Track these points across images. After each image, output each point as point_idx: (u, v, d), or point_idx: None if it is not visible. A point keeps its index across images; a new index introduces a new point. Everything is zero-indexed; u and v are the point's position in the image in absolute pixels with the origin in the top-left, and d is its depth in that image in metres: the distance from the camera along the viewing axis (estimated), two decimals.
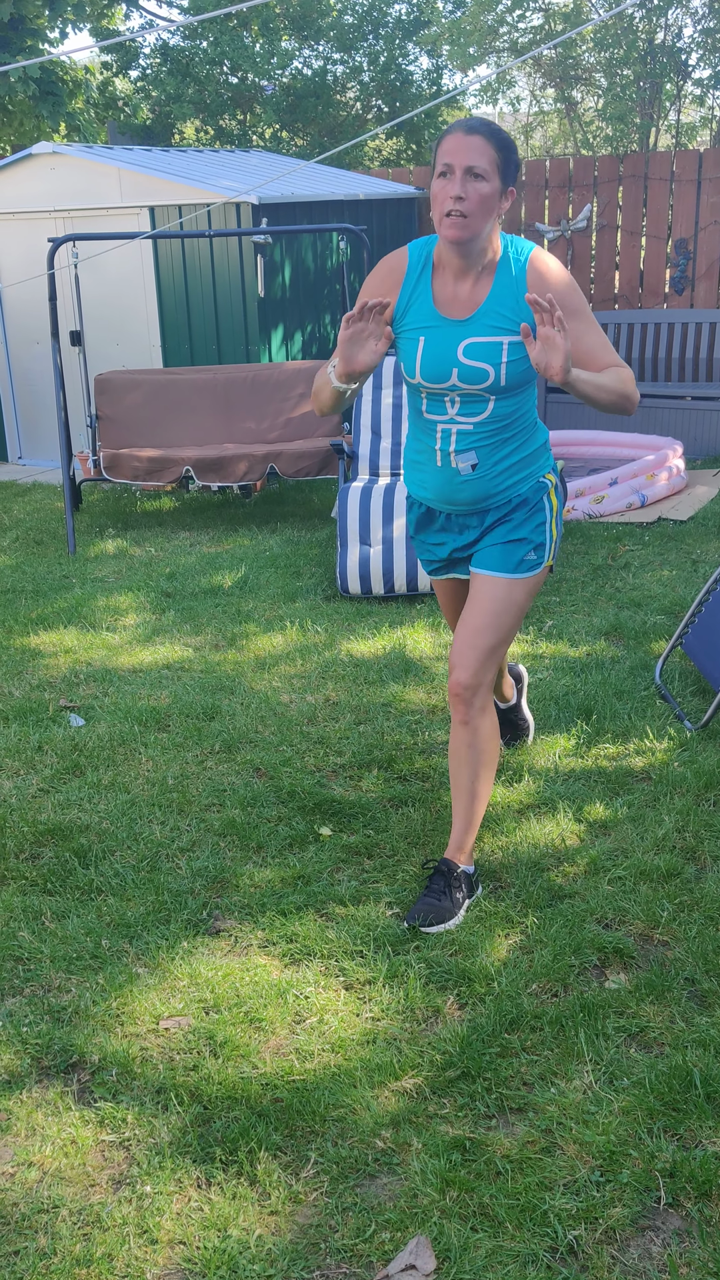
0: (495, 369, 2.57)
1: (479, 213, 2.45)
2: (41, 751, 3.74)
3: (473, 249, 2.51)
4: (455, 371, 2.57)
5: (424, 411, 2.68)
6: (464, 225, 2.45)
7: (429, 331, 2.59)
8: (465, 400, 2.61)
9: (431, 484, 2.75)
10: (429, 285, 2.61)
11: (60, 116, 10.77)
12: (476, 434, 2.65)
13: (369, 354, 2.49)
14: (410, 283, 2.62)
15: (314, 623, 4.82)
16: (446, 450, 2.67)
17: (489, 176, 2.45)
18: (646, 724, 3.73)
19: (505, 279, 2.56)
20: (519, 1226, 1.94)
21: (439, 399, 2.64)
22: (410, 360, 2.61)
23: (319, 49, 12.94)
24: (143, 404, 6.71)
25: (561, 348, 2.34)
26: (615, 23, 10.43)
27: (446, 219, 2.45)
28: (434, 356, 2.58)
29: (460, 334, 2.57)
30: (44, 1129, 2.20)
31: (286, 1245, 1.94)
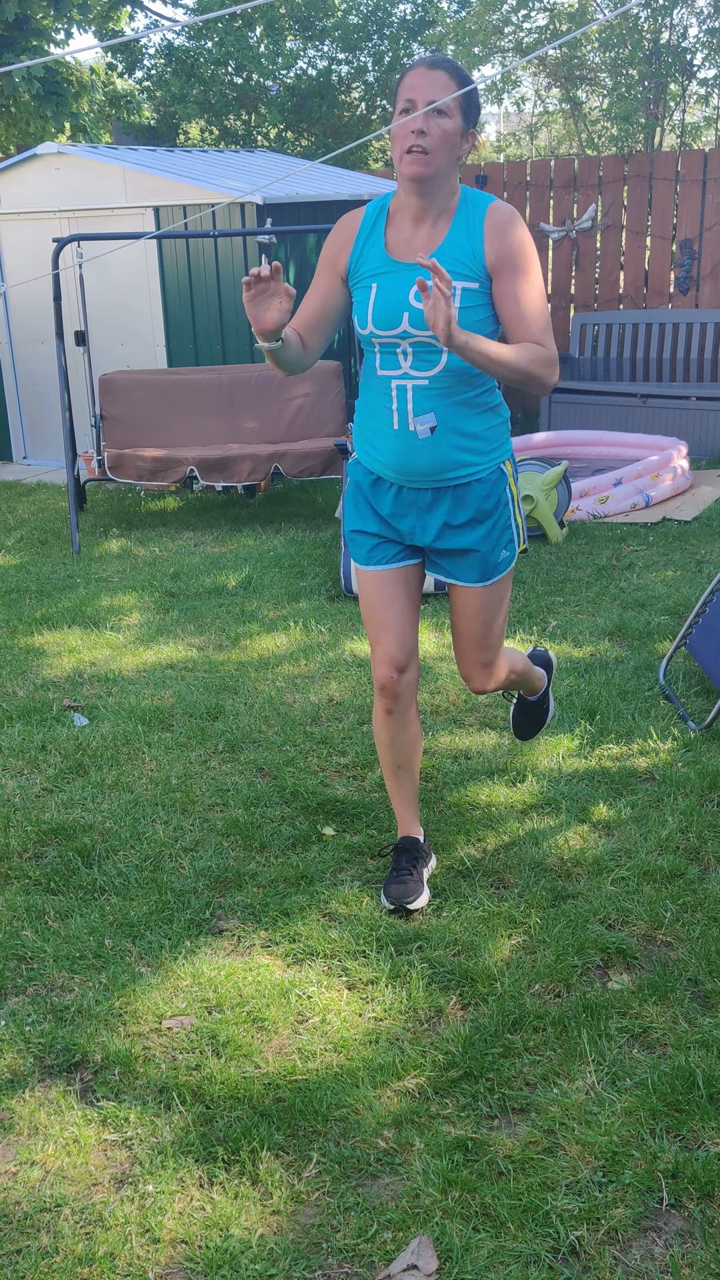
0: None
1: (441, 149, 2.40)
2: (45, 751, 3.75)
3: (432, 188, 2.45)
4: (406, 316, 2.47)
5: (378, 368, 2.58)
6: (425, 161, 2.39)
7: (381, 277, 2.51)
8: (418, 351, 2.50)
9: (385, 449, 2.62)
10: (382, 234, 2.54)
11: (64, 117, 10.78)
12: (433, 390, 2.53)
13: (274, 311, 2.42)
14: (363, 235, 2.56)
15: (318, 623, 4.82)
16: (404, 410, 2.56)
17: (452, 113, 2.40)
18: (650, 724, 3.72)
19: (462, 224, 2.49)
20: (521, 1227, 1.94)
21: (391, 350, 2.53)
22: (363, 309, 2.53)
23: (324, 49, 12.95)
24: (147, 404, 6.71)
25: (444, 311, 2.22)
26: (620, 22, 10.42)
27: (407, 155, 2.40)
28: (385, 302, 2.50)
29: (413, 277, 2.47)
30: (46, 1128, 2.21)
31: (288, 1245, 1.94)
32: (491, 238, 2.47)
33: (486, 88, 12.01)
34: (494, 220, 2.47)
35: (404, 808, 2.95)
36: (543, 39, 11.10)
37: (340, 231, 2.60)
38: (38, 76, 10.19)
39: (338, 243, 2.60)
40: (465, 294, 2.47)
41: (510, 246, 2.47)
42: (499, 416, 2.65)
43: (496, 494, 2.65)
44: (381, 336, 2.52)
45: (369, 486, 2.71)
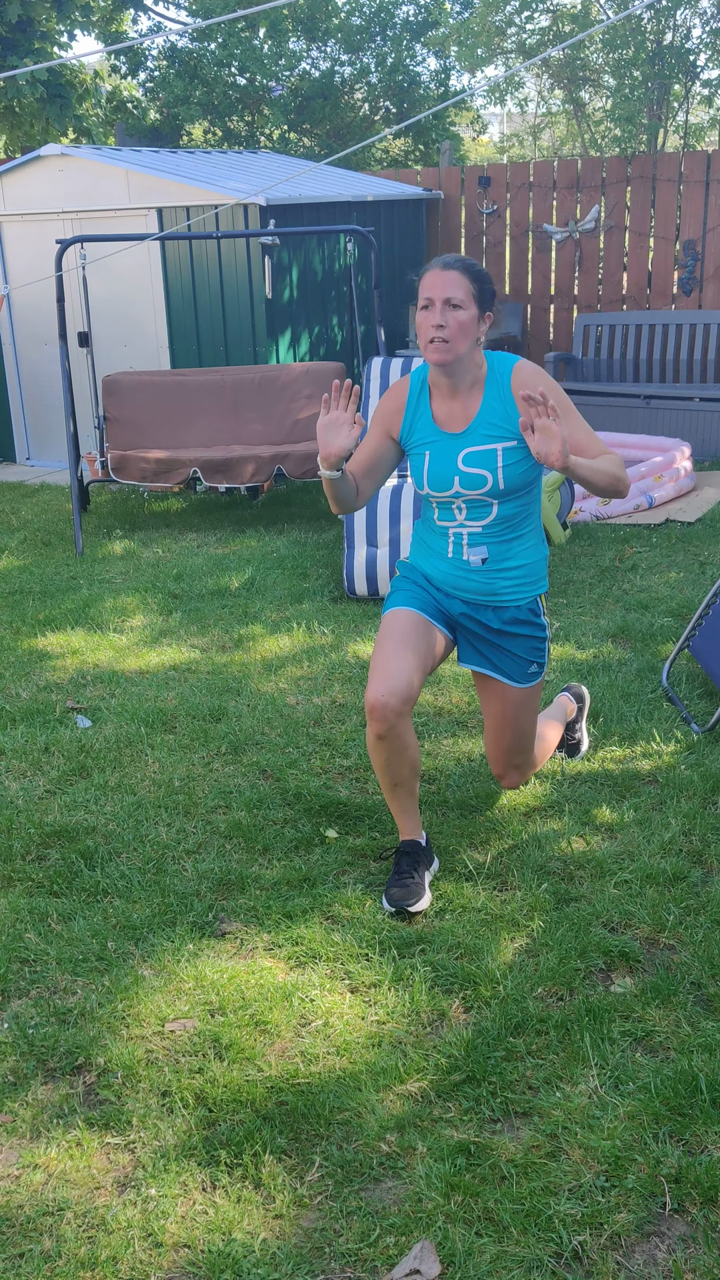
0: (493, 473, 2.77)
1: (459, 337, 2.70)
2: (48, 753, 3.75)
3: (457, 369, 2.75)
4: (456, 479, 2.79)
5: (435, 519, 2.91)
6: (446, 349, 2.70)
7: (432, 446, 2.83)
8: (470, 505, 2.82)
9: (439, 570, 2.94)
10: (428, 405, 2.86)
11: (68, 119, 10.79)
12: (485, 535, 2.86)
13: (344, 438, 2.70)
14: (411, 405, 2.87)
15: (321, 624, 4.82)
16: (459, 545, 2.88)
17: (465, 305, 2.70)
18: (653, 727, 3.72)
19: (494, 391, 2.79)
20: (524, 1231, 1.94)
21: (447, 506, 2.86)
22: (419, 473, 2.86)
23: (327, 50, 12.95)
24: (150, 405, 6.71)
25: (558, 435, 2.51)
26: (623, 24, 10.41)
27: (430, 345, 2.71)
28: (438, 467, 2.81)
29: (459, 445, 2.80)
30: (49, 1131, 2.21)
31: (291, 1249, 1.93)
32: None
33: (490, 89, 12.00)
34: (521, 380, 2.76)
35: (404, 817, 2.95)
36: (546, 40, 11.08)
37: (391, 400, 2.92)
38: (41, 80, 10.21)
39: (389, 410, 2.91)
40: (506, 452, 2.77)
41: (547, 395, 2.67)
42: (541, 552, 2.95)
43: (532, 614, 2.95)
44: (437, 496, 2.85)
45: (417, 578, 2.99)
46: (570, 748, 3.56)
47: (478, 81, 12.65)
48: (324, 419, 2.71)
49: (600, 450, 2.76)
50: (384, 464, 2.93)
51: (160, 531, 6.50)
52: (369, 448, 2.92)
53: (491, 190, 8.88)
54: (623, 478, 2.73)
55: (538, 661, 2.97)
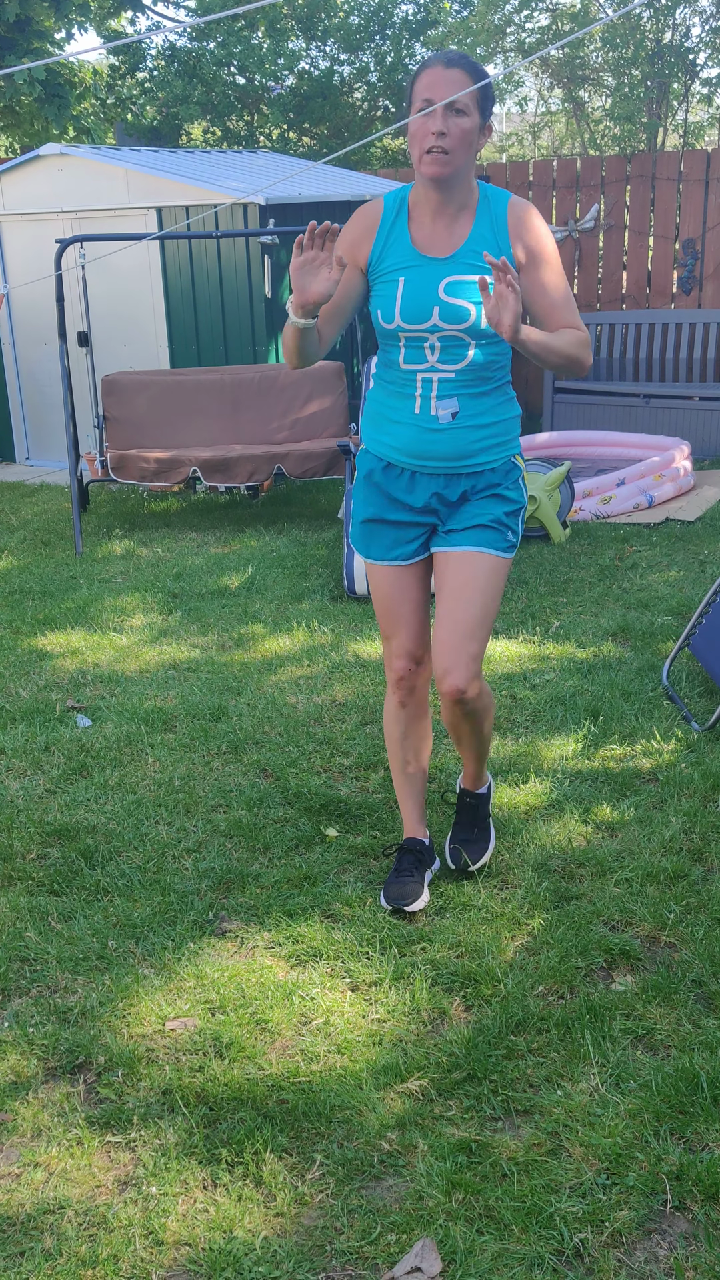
0: (476, 308, 2.50)
1: (460, 148, 2.43)
2: (48, 752, 3.75)
3: (453, 185, 2.49)
4: (436, 310, 2.50)
5: (401, 362, 2.59)
6: (446, 161, 2.43)
7: (409, 271, 2.53)
8: (445, 345, 2.53)
9: (401, 435, 2.62)
10: (405, 227, 2.56)
11: (66, 118, 10.79)
12: (457, 381, 2.56)
13: (322, 282, 2.40)
14: (385, 228, 2.57)
15: (321, 623, 4.82)
16: (427, 396, 2.58)
17: (470, 111, 2.43)
18: (654, 725, 3.72)
19: (485, 219, 2.53)
20: (525, 1229, 1.94)
21: (418, 345, 2.55)
22: (389, 302, 2.54)
23: (326, 49, 12.95)
24: (150, 405, 6.71)
25: (512, 307, 2.30)
26: (622, 22, 10.41)
27: (427, 155, 2.42)
28: (415, 295, 2.51)
29: (441, 272, 2.51)
30: (50, 1130, 2.21)
31: (292, 1247, 1.93)
32: (517, 234, 2.53)
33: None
34: (516, 215, 2.53)
35: (410, 807, 2.95)
36: (545, 39, 11.09)
37: (359, 222, 2.60)
38: (39, 79, 10.20)
39: (356, 233, 2.59)
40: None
41: (537, 240, 2.54)
42: (513, 410, 2.68)
43: (509, 482, 2.67)
44: (409, 330, 2.53)
45: (380, 472, 2.70)
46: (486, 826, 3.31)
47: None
48: (298, 260, 2.38)
49: (568, 321, 2.53)
50: (349, 302, 2.60)
51: (160, 531, 6.50)
52: None
53: None
54: (579, 357, 2.49)
55: (512, 529, 2.67)
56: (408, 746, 2.87)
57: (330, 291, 2.42)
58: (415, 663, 2.80)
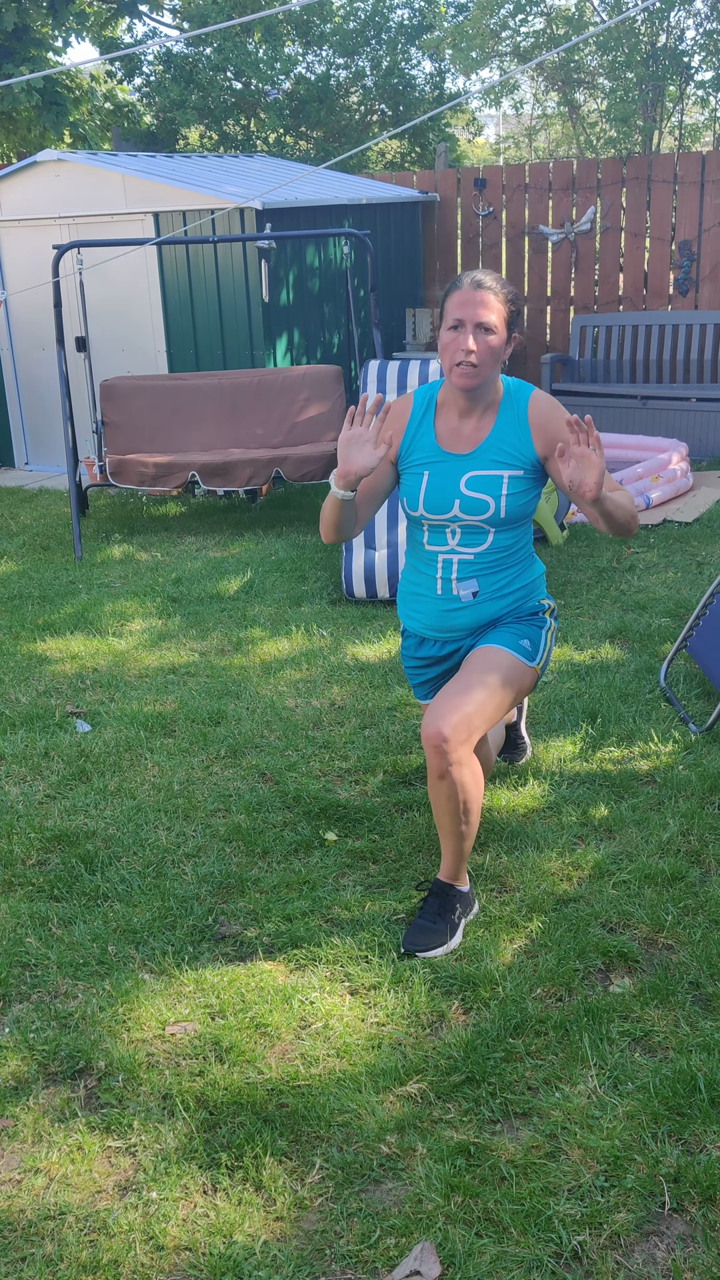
0: (495, 501, 2.69)
1: (488, 361, 2.62)
2: (48, 758, 3.76)
3: (479, 393, 2.69)
4: (457, 503, 2.70)
5: (425, 543, 2.80)
6: (474, 374, 2.62)
7: (433, 466, 2.73)
8: (465, 531, 2.73)
9: (427, 614, 2.84)
10: (432, 424, 2.76)
11: (64, 125, 10.81)
12: (477, 564, 2.76)
13: (366, 456, 2.57)
14: (414, 423, 2.77)
15: (320, 627, 4.83)
16: (448, 578, 2.78)
17: (497, 329, 2.61)
18: (651, 727, 3.73)
19: (508, 417, 2.71)
20: (523, 1232, 1.94)
21: (440, 530, 2.75)
22: (414, 493, 2.74)
23: (322, 54, 12.97)
24: (148, 409, 6.72)
25: (597, 465, 2.44)
26: (617, 25, 10.43)
27: (457, 368, 2.61)
28: (437, 488, 2.71)
29: (463, 467, 2.71)
30: (50, 1135, 2.21)
31: (292, 1251, 1.94)
32: (539, 430, 2.70)
33: (485, 91, 12.02)
34: (537, 413, 2.71)
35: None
36: (540, 42, 11.10)
37: (393, 421, 2.80)
38: (37, 87, 10.22)
39: (390, 429, 2.78)
40: (512, 481, 2.71)
41: (560, 431, 2.68)
42: (535, 572, 2.85)
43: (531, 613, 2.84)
44: (431, 519, 2.74)
45: (415, 650, 2.95)
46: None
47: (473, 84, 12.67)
48: (346, 434, 2.56)
49: (615, 486, 2.66)
50: (382, 489, 2.80)
51: (159, 535, 6.51)
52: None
53: (487, 192, 8.89)
54: (636, 515, 2.65)
55: (530, 638, 2.80)
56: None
57: (373, 466, 2.58)
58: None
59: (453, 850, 2.75)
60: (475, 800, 2.68)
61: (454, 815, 2.67)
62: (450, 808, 2.67)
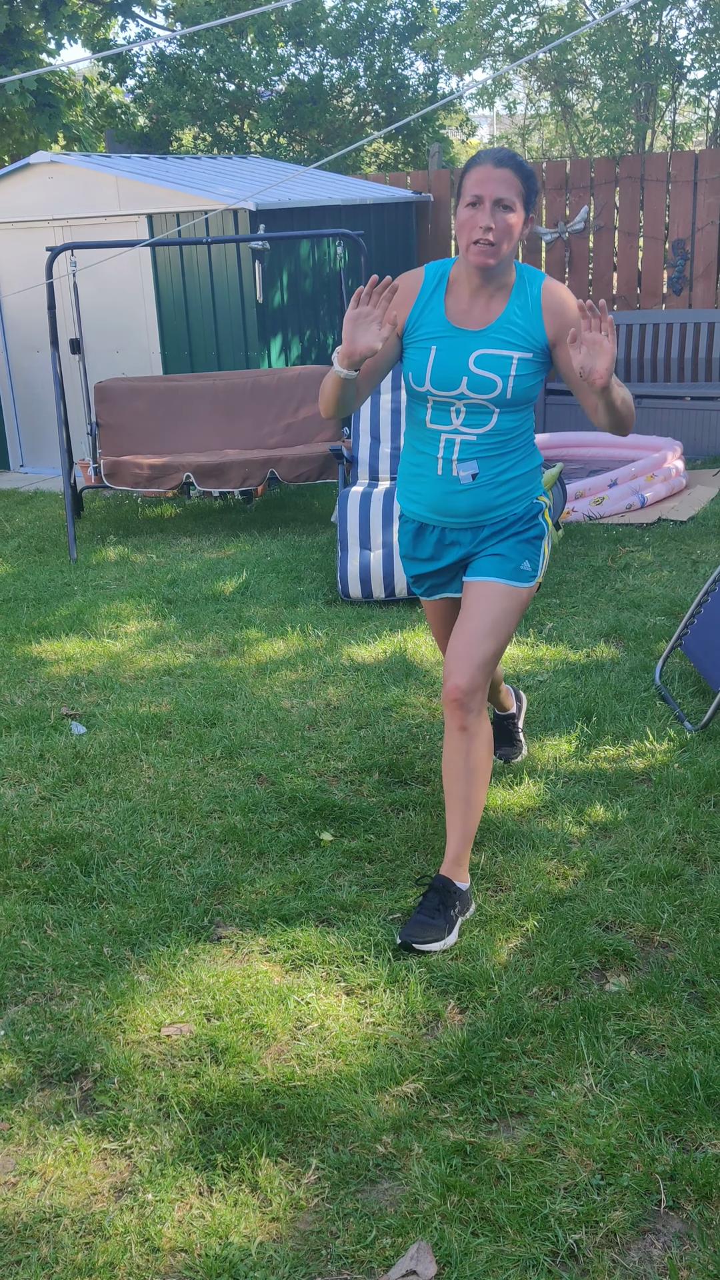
0: (503, 381, 2.66)
1: (505, 239, 2.60)
2: (43, 759, 3.75)
3: (496, 271, 2.66)
4: (465, 380, 2.67)
5: (428, 421, 2.76)
6: (492, 253, 2.59)
7: (441, 341, 2.69)
8: (470, 410, 2.70)
9: (428, 494, 2.81)
10: (442, 300, 2.72)
11: (57, 127, 10.80)
12: (479, 445, 2.73)
13: (371, 336, 2.54)
14: (424, 297, 2.73)
15: (315, 628, 4.83)
16: (449, 458, 2.75)
17: (515, 207, 2.59)
18: (647, 725, 3.73)
19: (521, 299, 2.69)
20: (520, 1231, 1.94)
21: (445, 408, 2.72)
22: (420, 368, 2.70)
23: (315, 55, 12.98)
24: (143, 411, 6.72)
25: (608, 351, 2.42)
26: (609, 25, 10.44)
27: (474, 246, 2.59)
28: (445, 364, 2.68)
29: (473, 344, 2.67)
30: (46, 1137, 2.21)
31: (288, 1252, 1.94)
32: (551, 314, 2.67)
33: (478, 91, 12.03)
34: (551, 298, 2.68)
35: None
36: (533, 43, 11.11)
37: (401, 292, 2.74)
38: (30, 89, 10.22)
39: (397, 302, 2.73)
40: (521, 363, 2.67)
41: (572, 318, 2.65)
42: (533, 463, 2.82)
43: (531, 518, 2.82)
44: (437, 395, 2.70)
45: (412, 540, 2.91)
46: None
47: (466, 84, 12.67)
48: (353, 312, 2.53)
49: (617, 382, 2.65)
50: (384, 364, 2.75)
51: (154, 537, 6.50)
52: None
53: None
54: (633, 412, 2.65)
55: (529, 559, 2.81)
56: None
57: (377, 347, 2.55)
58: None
59: (459, 830, 2.81)
60: (484, 763, 2.81)
61: (466, 776, 2.78)
62: (464, 766, 2.78)
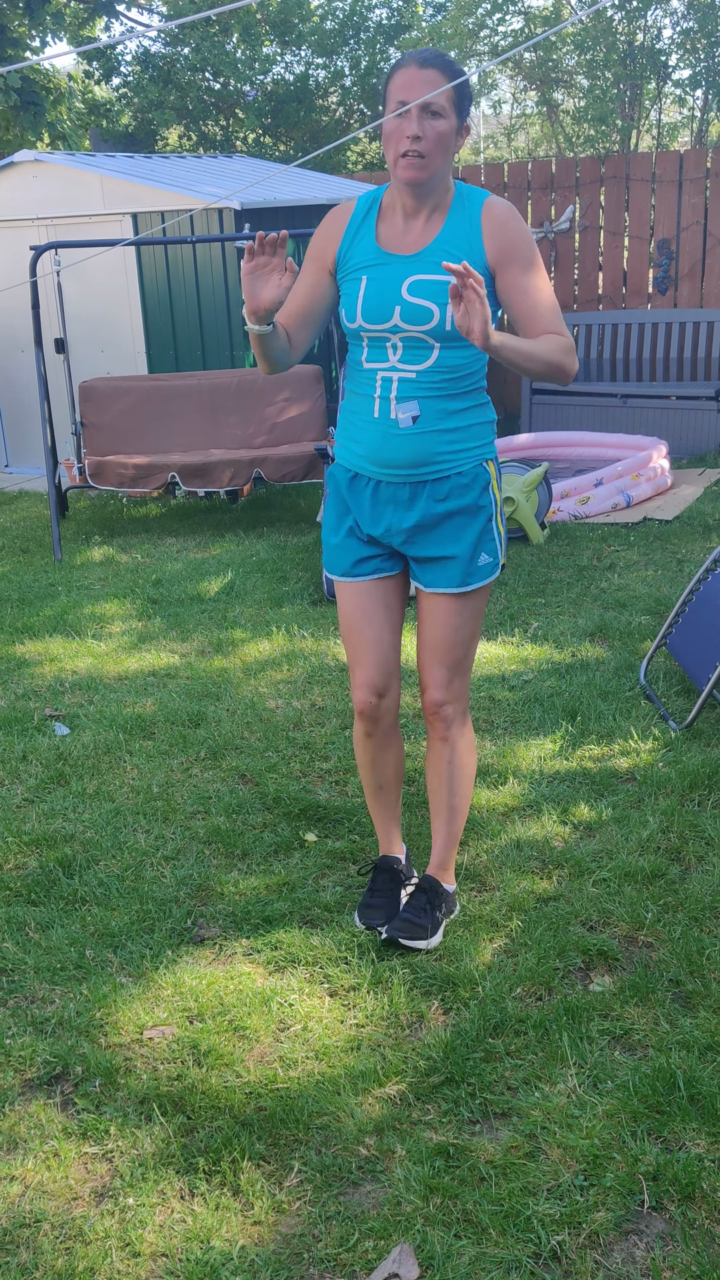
0: (440, 309, 2.39)
1: (437, 151, 2.35)
2: (26, 761, 3.73)
3: (428, 188, 2.40)
4: (398, 309, 2.41)
5: (364, 361, 2.51)
6: (422, 165, 2.35)
7: (371, 270, 2.44)
8: (408, 345, 2.43)
9: (365, 440, 2.53)
10: (373, 226, 2.48)
11: (41, 126, 10.76)
12: (419, 383, 2.46)
13: (273, 288, 2.33)
14: (353, 227, 2.50)
15: (300, 628, 4.81)
16: (386, 397, 2.48)
17: (446, 113, 2.34)
18: (631, 725, 3.73)
19: (459, 219, 2.43)
20: (502, 1233, 1.93)
21: (380, 344, 2.46)
22: (351, 301, 2.46)
23: (300, 54, 12.96)
24: (128, 411, 6.70)
25: (481, 313, 2.15)
26: (594, 24, 10.45)
27: (403, 159, 2.35)
28: (376, 294, 2.42)
29: (405, 270, 2.42)
30: (26, 1142, 2.19)
31: (270, 1256, 1.93)
32: (492, 234, 2.41)
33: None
34: (492, 216, 2.42)
35: (386, 826, 2.89)
36: (518, 42, 11.12)
37: (329, 224, 2.53)
38: (14, 87, 10.17)
39: (326, 235, 2.53)
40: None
41: (514, 241, 2.41)
42: (484, 416, 2.56)
43: (476, 490, 2.54)
44: (370, 330, 2.45)
45: (346, 485, 2.61)
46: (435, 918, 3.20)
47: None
48: (248, 266, 2.31)
49: (550, 327, 2.40)
50: (320, 306, 2.54)
51: (139, 537, 6.48)
52: (302, 291, 2.53)
53: None
54: (562, 364, 2.36)
55: (485, 549, 2.57)
56: (379, 771, 2.79)
57: (281, 298, 2.34)
58: (378, 696, 2.67)
59: (443, 835, 2.78)
60: (467, 771, 2.74)
61: (449, 784, 2.73)
62: (447, 773, 2.72)
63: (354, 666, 2.69)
